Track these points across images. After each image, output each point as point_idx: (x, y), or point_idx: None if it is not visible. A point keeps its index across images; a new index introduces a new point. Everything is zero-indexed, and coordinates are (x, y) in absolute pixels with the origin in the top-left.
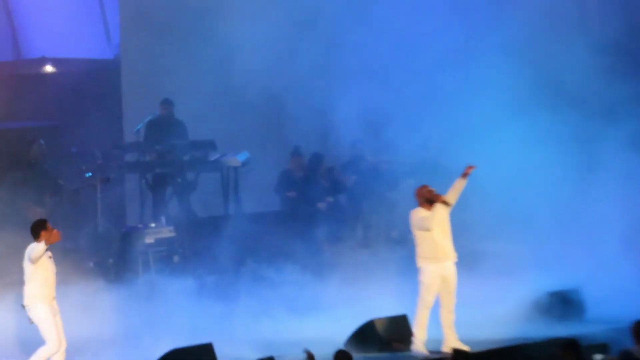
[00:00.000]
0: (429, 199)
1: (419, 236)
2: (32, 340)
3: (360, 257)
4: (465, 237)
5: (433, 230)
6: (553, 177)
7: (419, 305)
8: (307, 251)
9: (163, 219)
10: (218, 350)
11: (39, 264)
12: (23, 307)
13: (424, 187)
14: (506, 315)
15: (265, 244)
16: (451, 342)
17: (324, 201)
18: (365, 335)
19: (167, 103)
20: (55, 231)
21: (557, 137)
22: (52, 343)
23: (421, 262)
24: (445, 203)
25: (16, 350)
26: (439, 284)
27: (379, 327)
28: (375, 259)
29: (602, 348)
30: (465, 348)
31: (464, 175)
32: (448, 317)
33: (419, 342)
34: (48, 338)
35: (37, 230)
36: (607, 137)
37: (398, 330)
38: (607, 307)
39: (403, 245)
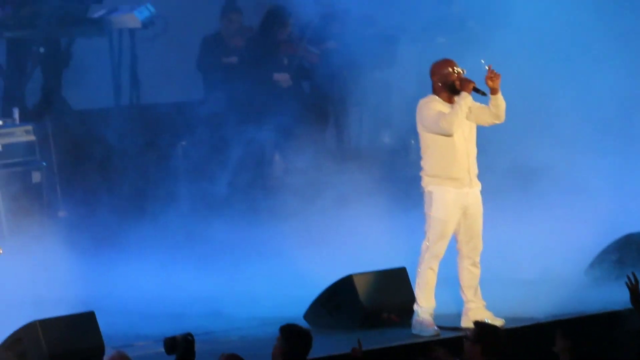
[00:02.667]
0: (452, 85)
1: (431, 143)
2: None
3: (328, 177)
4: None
5: (455, 136)
6: None
7: (423, 254)
8: (247, 169)
9: (16, 113)
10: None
11: None
12: None
13: (448, 62)
14: (563, 273)
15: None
16: (475, 311)
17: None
18: (339, 300)
19: None
20: None
21: None
22: None
23: (431, 185)
24: (480, 92)
25: None
26: (458, 219)
27: (361, 289)
28: (351, 182)
29: None
30: (497, 321)
31: (492, 91)
32: (471, 273)
33: (425, 312)
34: None
35: None
36: None
37: (391, 294)
38: None
39: (400, 156)
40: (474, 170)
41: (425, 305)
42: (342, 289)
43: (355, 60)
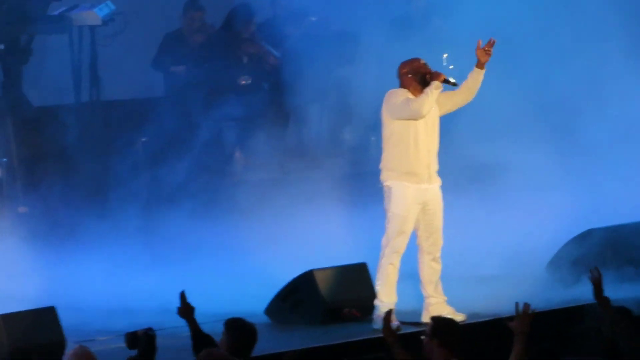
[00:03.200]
0: (422, 76)
1: (393, 136)
2: None
3: (288, 174)
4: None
5: (417, 131)
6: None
7: (384, 250)
8: (206, 165)
9: None
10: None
11: None
12: None
13: (416, 60)
14: (524, 270)
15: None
16: (436, 306)
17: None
18: (300, 295)
19: None
20: None
21: None
22: None
23: (390, 180)
24: (451, 83)
25: None
26: (417, 214)
27: (322, 284)
28: (311, 179)
29: None
30: (458, 316)
31: (480, 64)
32: (432, 269)
33: (386, 307)
34: None
35: None
36: None
37: (352, 289)
38: None
39: (359, 152)
40: (434, 166)
41: (387, 300)
42: (303, 284)
43: (315, 57)
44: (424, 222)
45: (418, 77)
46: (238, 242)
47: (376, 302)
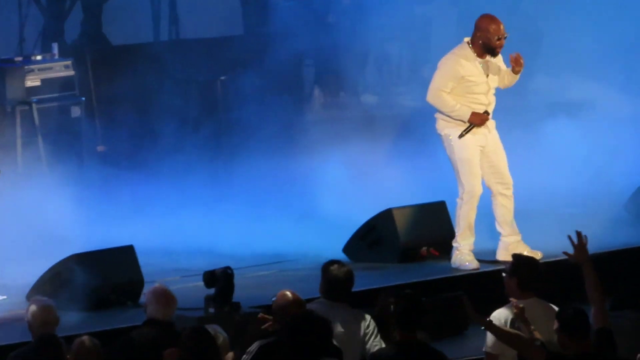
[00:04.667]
0: (491, 48)
1: (453, 89)
2: None
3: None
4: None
5: (477, 88)
6: None
7: (461, 194)
8: (286, 102)
9: (55, 48)
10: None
11: None
12: None
13: (495, 25)
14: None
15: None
16: (512, 244)
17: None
18: (378, 234)
19: None
20: None
21: None
22: None
23: (447, 129)
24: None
25: None
26: (479, 156)
27: (400, 222)
28: (388, 117)
29: None
30: (535, 254)
31: (514, 70)
32: (505, 207)
33: (464, 247)
34: None
35: None
36: None
37: (431, 227)
38: None
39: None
40: (491, 121)
41: (464, 242)
42: (381, 222)
43: None
44: (487, 164)
45: (486, 47)
46: (314, 181)
47: (454, 243)
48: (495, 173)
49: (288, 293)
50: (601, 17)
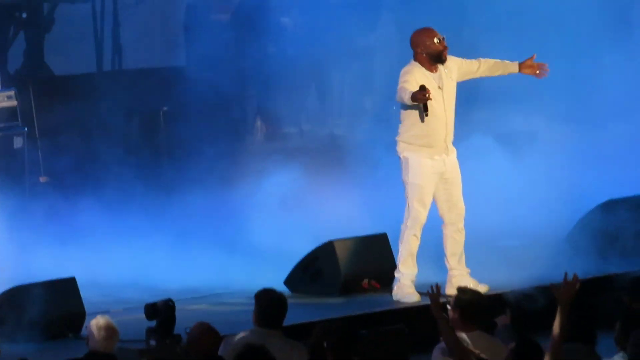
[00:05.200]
0: (435, 55)
1: (410, 108)
2: None
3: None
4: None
5: (435, 105)
6: None
7: (405, 221)
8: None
9: None
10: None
11: None
12: None
13: (430, 32)
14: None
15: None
16: (459, 278)
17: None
18: (320, 266)
19: None
20: None
21: None
22: None
23: (406, 151)
24: (422, 113)
25: None
26: (436, 184)
27: (342, 254)
28: (329, 148)
29: None
30: (481, 288)
31: (520, 69)
32: (455, 240)
33: (406, 279)
34: None
35: None
36: None
37: (372, 259)
38: None
39: (379, 122)
40: (450, 137)
41: (407, 271)
42: (323, 254)
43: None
44: (443, 193)
45: (431, 55)
46: (255, 213)
47: (396, 273)
48: (449, 202)
49: (203, 324)
50: (543, 47)
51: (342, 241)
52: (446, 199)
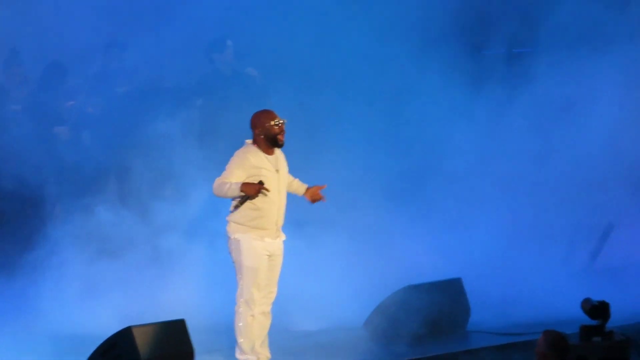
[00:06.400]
0: (274, 138)
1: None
2: None
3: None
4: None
5: (270, 187)
6: None
7: (240, 302)
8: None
9: None
10: None
11: None
12: None
13: (269, 114)
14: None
15: None
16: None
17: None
18: (118, 351)
19: None
20: None
21: None
22: None
23: (237, 233)
24: (240, 203)
25: None
26: (266, 264)
27: (140, 339)
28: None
29: None
30: None
31: (311, 193)
32: (261, 324)
33: None
34: None
35: None
36: None
37: (170, 344)
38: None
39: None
40: (281, 222)
41: (251, 352)
42: (121, 340)
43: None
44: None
45: (269, 138)
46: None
47: (240, 355)
48: (265, 284)
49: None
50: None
51: (141, 327)
52: (265, 282)
